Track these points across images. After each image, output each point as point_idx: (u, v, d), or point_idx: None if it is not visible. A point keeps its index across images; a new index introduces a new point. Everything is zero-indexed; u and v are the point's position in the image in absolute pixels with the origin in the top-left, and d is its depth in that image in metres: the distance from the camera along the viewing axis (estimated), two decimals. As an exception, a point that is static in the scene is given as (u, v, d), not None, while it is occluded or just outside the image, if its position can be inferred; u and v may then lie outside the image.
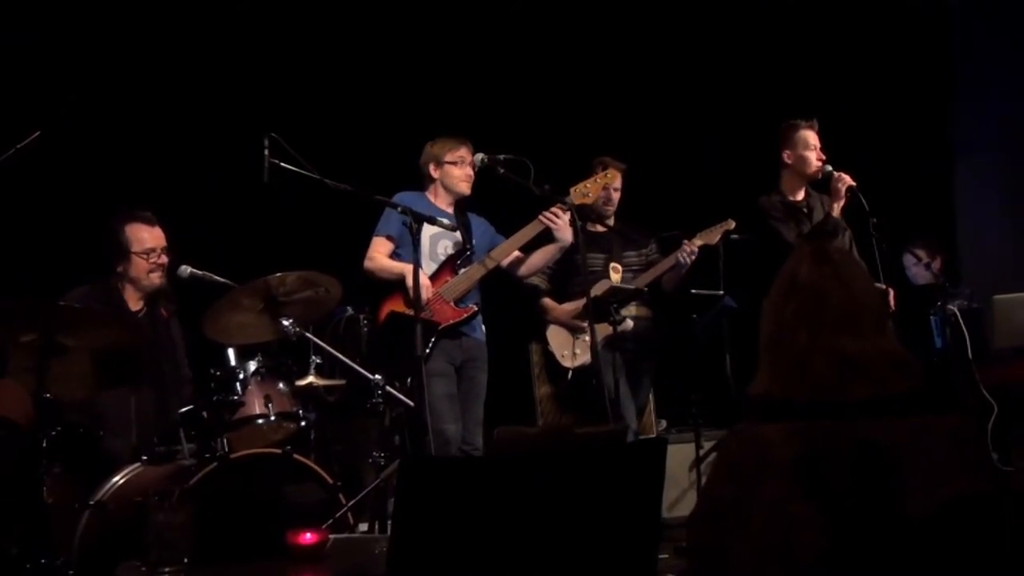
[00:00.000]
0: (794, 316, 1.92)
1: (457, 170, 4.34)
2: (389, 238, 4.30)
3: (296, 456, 3.38)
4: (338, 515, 3.20)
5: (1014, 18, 6.68)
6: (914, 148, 6.77)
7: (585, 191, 4.37)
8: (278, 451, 3.40)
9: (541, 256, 4.47)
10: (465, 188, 4.37)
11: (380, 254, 4.31)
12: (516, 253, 4.42)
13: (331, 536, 2.64)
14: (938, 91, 7.09)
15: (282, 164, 3.67)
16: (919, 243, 5.91)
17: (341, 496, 3.37)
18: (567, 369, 4.76)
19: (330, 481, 3.39)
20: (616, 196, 4.83)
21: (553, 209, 4.20)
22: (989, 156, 6.94)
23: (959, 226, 7.08)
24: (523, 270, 4.52)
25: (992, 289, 5.49)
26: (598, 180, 4.47)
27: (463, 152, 4.33)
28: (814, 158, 4.67)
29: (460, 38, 5.52)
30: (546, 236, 4.34)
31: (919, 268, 5.85)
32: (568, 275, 4.72)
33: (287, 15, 5.10)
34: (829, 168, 4.63)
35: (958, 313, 5.39)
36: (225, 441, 3.43)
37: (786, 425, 1.86)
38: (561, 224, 4.20)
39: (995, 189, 6.91)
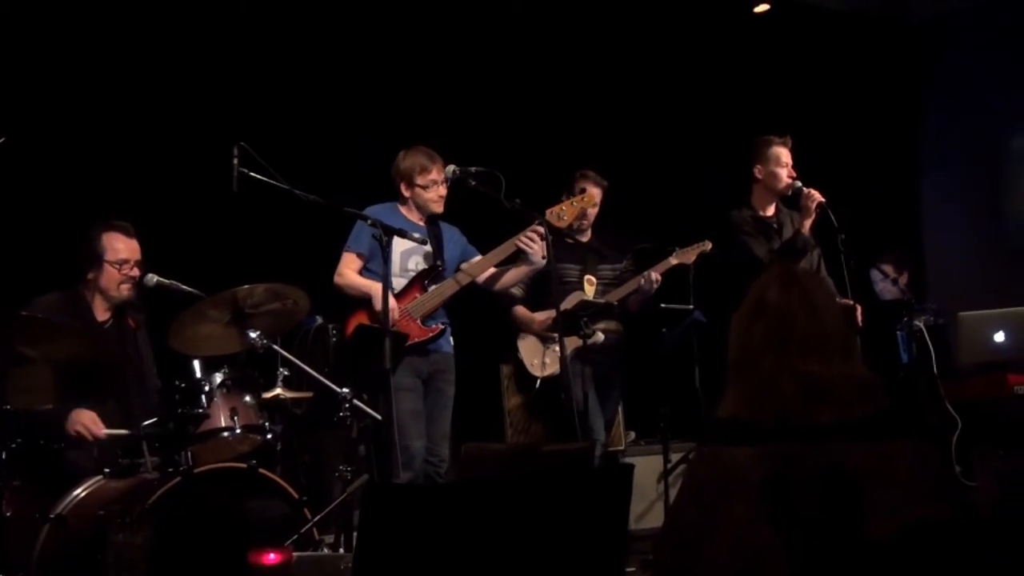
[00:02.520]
0: (761, 339, 1.91)
1: (428, 193, 4.30)
2: (359, 255, 4.26)
3: (261, 470, 3.33)
4: (303, 530, 3.15)
5: (981, 36, 6.76)
6: (882, 165, 6.84)
7: (561, 214, 4.35)
8: (243, 465, 3.34)
9: (513, 275, 4.46)
10: (437, 208, 4.34)
11: (350, 270, 4.26)
12: (491, 269, 4.40)
13: (295, 554, 2.59)
14: (905, 109, 7.17)
15: (251, 174, 3.62)
16: (886, 259, 5.97)
17: (306, 511, 3.32)
18: (536, 378, 4.73)
19: (295, 496, 3.35)
20: (593, 212, 4.82)
21: (530, 233, 4.18)
22: (955, 173, 7.02)
23: (925, 242, 7.15)
24: (495, 286, 4.49)
25: (958, 304, 5.54)
26: (575, 204, 4.45)
27: (434, 175, 4.28)
28: (785, 174, 4.68)
29: (438, 49, 5.48)
30: (520, 254, 4.32)
31: (886, 284, 5.89)
32: (543, 284, 4.70)
33: (259, 24, 5.04)
34: (799, 184, 4.64)
35: (924, 329, 5.44)
36: (189, 454, 3.37)
37: (752, 448, 1.85)
38: (536, 248, 4.19)
39: (961, 206, 6.98)
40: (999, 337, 5.20)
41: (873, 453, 1.80)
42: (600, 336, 4.63)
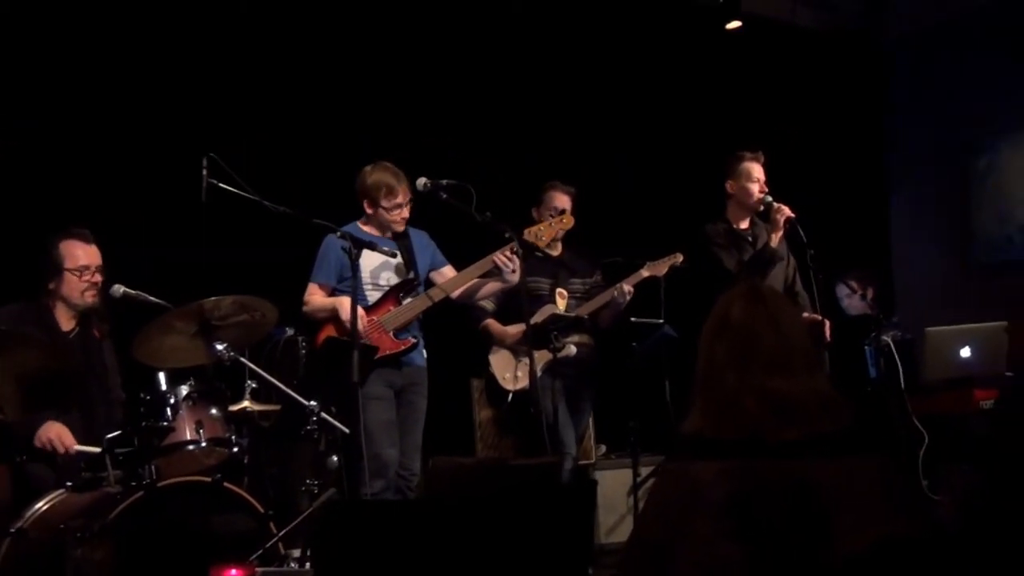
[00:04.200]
0: (725, 356, 1.91)
1: (391, 215, 4.28)
2: (323, 285, 4.24)
3: (226, 484, 3.28)
4: (268, 545, 3.10)
5: (947, 54, 6.83)
6: (851, 181, 6.89)
7: (539, 234, 4.37)
8: (207, 479, 3.29)
9: (486, 290, 4.45)
10: (398, 228, 4.33)
11: (315, 296, 4.24)
12: (468, 284, 4.38)
13: (259, 570, 2.55)
14: (874, 126, 7.24)
15: (221, 185, 3.59)
16: (853, 274, 5.99)
17: (272, 525, 3.28)
18: (507, 392, 4.71)
19: (261, 510, 3.30)
20: (571, 221, 4.81)
21: (507, 253, 4.17)
22: (923, 190, 7.09)
23: (893, 258, 7.20)
24: (466, 298, 4.48)
25: (925, 319, 5.58)
26: (553, 224, 4.47)
27: (399, 198, 4.25)
28: (756, 189, 4.72)
29: (407, 64, 5.46)
30: (494, 270, 4.29)
31: (852, 299, 5.92)
32: (515, 298, 4.67)
33: (232, 35, 5.00)
34: (769, 199, 4.68)
35: (892, 344, 5.46)
36: (153, 468, 3.31)
37: (717, 464, 1.84)
38: (512, 267, 4.17)
39: (928, 222, 7.04)
40: (965, 352, 5.24)
41: (839, 470, 1.80)
42: (572, 349, 4.63)
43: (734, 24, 6.15)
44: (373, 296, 4.20)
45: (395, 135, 5.06)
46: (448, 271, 4.42)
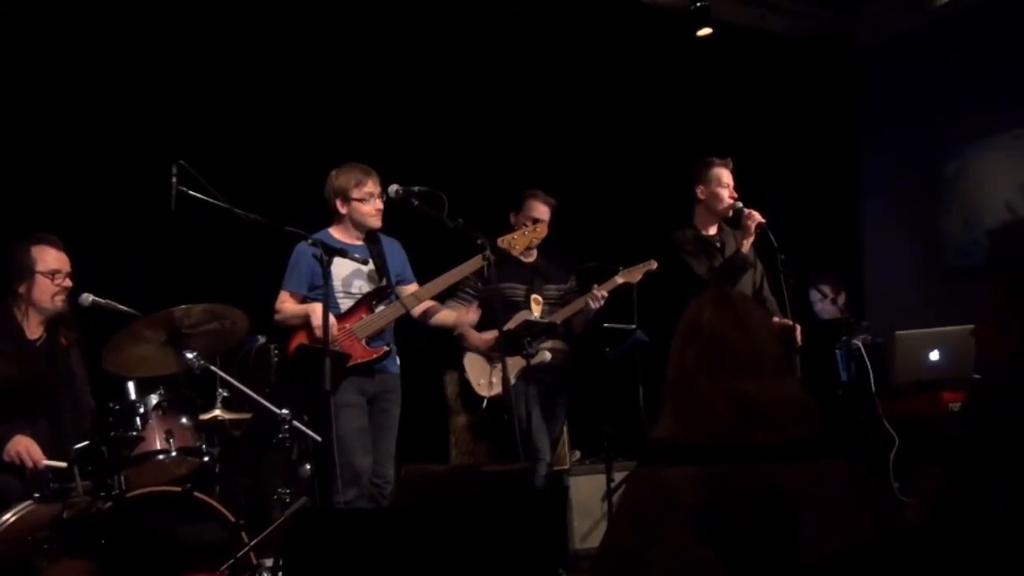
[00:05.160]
0: (695, 361, 1.91)
1: (365, 206, 4.26)
2: (293, 294, 4.21)
3: (196, 493, 3.25)
4: (239, 555, 3.07)
5: (918, 62, 6.90)
6: (822, 187, 6.94)
7: (512, 242, 4.36)
8: (177, 489, 3.27)
9: (439, 318, 4.48)
10: (375, 222, 4.29)
11: (287, 305, 4.21)
12: (428, 302, 4.37)
13: (228, 579, 2.52)
14: (845, 132, 7.30)
15: (190, 192, 3.56)
16: (824, 279, 6.04)
17: (243, 534, 3.25)
18: (482, 398, 4.70)
19: (232, 519, 3.28)
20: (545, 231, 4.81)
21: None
22: (894, 196, 7.15)
23: (864, 263, 7.26)
24: (429, 321, 4.47)
25: (895, 323, 5.62)
26: (527, 234, 4.46)
27: (370, 187, 4.25)
28: (726, 195, 4.74)
29: (377, 70, 5.45)
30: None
31: (824, 304, 5.96)
32: (490, 303, 4.67)
33: (200, 40, 4.96)
34: (740, 205, 4.70)
35: (862, 348, 5.51)
36: (123, 478, 3.29)
37: (688, 469, 1.84)
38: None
39: (899, 228, 7.11)
40: (934, 356, 5.29)
41: (809, 473, 1.80)
42: (547, 355, 4.64)
43: (705, 31, 6.18)
44: (345, 304, 4.18)
45: (367, 143, 5.03)
46: (412, 288, 4.39)
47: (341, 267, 4.11)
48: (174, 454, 3.48)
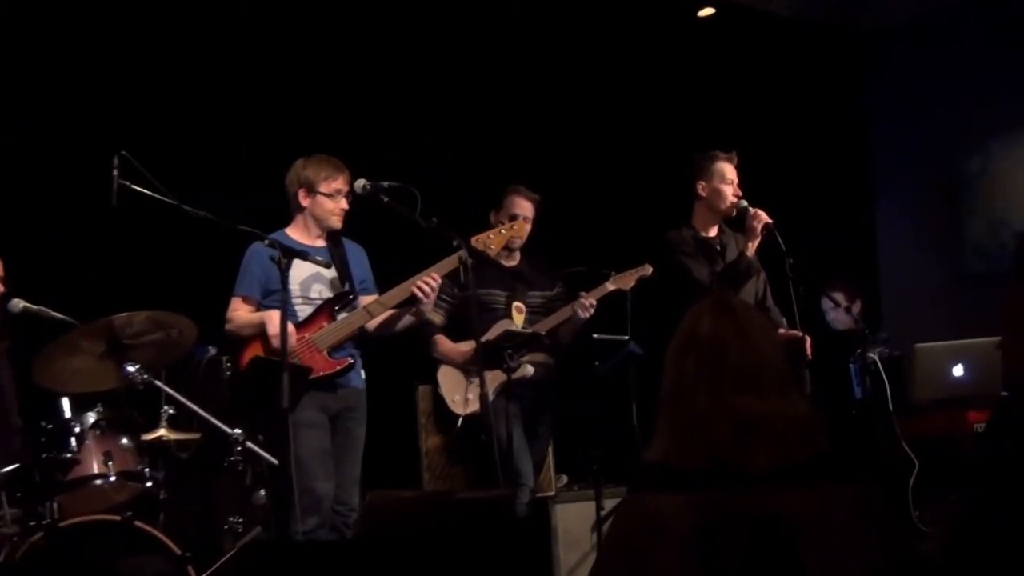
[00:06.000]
0: (692, 374, 1.92)
1: (331, 203, 4.25)
2: (246, 298, 4.18)
3: (137, 523, 3.25)
4: (186, 591, 3.07)
5: (932, 46, 6.96)
6: (832, 185, 6.98)
7: (488, 241, 4.33)
8: (116, 517, 3.27)
9: (402, 324, 4.36)
10: (336, 223, 4.29)
11: (239, 313, 4.19)
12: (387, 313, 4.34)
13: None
14: (857, 124, 7.35)
15: (133, 186, 3.56)
16: (837, 286, 6.05)
17: (190, 568, 3.25)
18: (457, 416, 4.70)
19: (178, 552, 3.28)
20: (526, 229, 4.81)
21: (426, 279, 4.14)
22: (910, 194, 7.20)
23: (880, 268, 7.30)
24: (383, 332, 4.37)
25: (914, 334, 5.66)
26: (503, 232, 4.43)
27: (340, 184, 4.24)
28: (730, 192, 4.71)
29: (350, 60, 5.46)
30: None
31: (838, 312, 5.99)
32: (466, 311, 4.66)
33: (146, 22, 4.96)
34: (744, 204, 4.68)
35: (878, 361, 5.54)
36: (55, 505, 3.30)
37: (681, 496, 1.85)
38: (429, 302, 4.18)
39: (917, 229, 7.15)
40: (958, 371, 5.31)
41: (811, 500, 1.81)
42: (529, 369, 4.63)
43: (707, 11, 6.22)
44: (304, 311, 4.17)
45: (330, 136, 5.02)
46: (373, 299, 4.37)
47: (299, 270, 4.10)
48: (113, 479, 3.51)
